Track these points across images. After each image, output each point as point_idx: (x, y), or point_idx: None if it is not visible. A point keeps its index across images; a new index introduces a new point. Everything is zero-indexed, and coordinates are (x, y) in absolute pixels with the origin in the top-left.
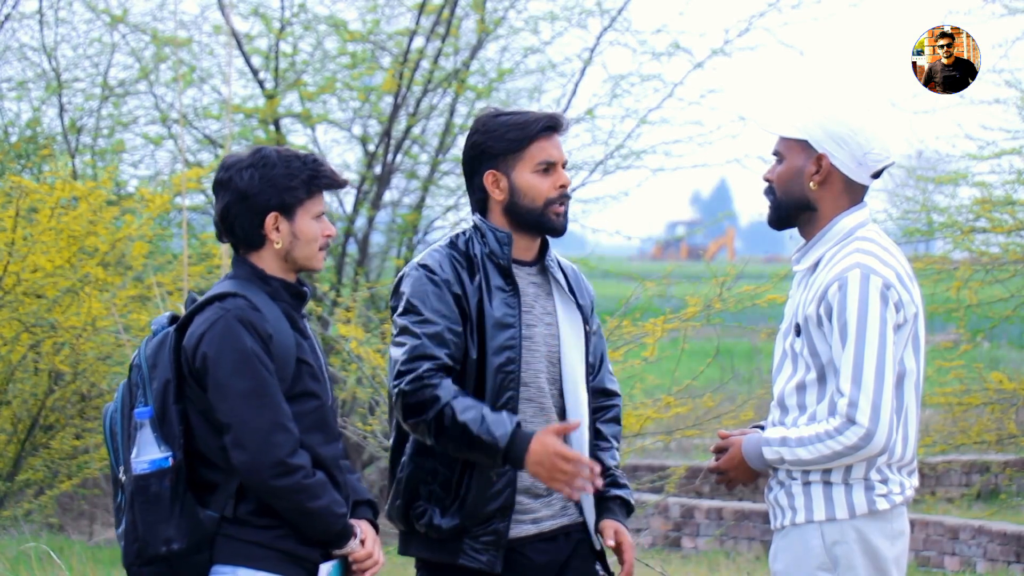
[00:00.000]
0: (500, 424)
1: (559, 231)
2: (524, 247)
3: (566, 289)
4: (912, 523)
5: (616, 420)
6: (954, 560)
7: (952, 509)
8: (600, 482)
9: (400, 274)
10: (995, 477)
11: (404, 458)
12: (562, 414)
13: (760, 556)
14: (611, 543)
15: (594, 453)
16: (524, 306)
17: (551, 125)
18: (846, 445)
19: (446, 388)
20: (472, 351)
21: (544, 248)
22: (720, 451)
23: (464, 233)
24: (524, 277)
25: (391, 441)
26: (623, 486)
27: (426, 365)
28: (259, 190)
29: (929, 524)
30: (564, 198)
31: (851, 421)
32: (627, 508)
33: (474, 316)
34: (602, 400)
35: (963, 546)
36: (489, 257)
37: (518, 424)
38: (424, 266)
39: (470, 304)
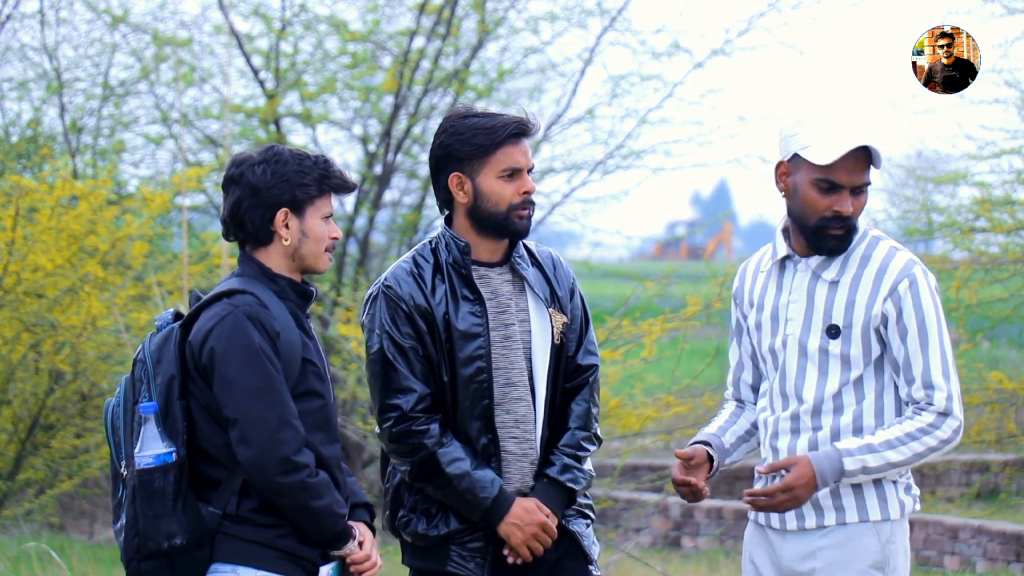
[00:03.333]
0: (484, 486)
1: (522, 233)
2: (491, 249)
3: (534, 286)
4: (912, 523)
5: (585, 398)
6: (954, 559)
7: (952, 508)
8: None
9: (369, 294)
10: (995, 477)
11: (390, 467)
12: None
13: None
14: None
15: (552, 443)
16: (499, 307)
17: (519, 131)
18: (942, 439)
19: (432, 433)
20: (444, 373)
21: (513, 246)
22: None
23: (431, 242)
24: (495, 278)
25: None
26: (569, 469)
27: (411, 401)
28: (271, 185)
29: (929, 523)
30: (528, 203)
31: (947, 414)
32: (565, 492)
33: (441, 328)
34: (576, 379)
35: (963, 545)
36: (453, 266)
37: (501, 488)
38: (388, 287)
39: (436, 316)
